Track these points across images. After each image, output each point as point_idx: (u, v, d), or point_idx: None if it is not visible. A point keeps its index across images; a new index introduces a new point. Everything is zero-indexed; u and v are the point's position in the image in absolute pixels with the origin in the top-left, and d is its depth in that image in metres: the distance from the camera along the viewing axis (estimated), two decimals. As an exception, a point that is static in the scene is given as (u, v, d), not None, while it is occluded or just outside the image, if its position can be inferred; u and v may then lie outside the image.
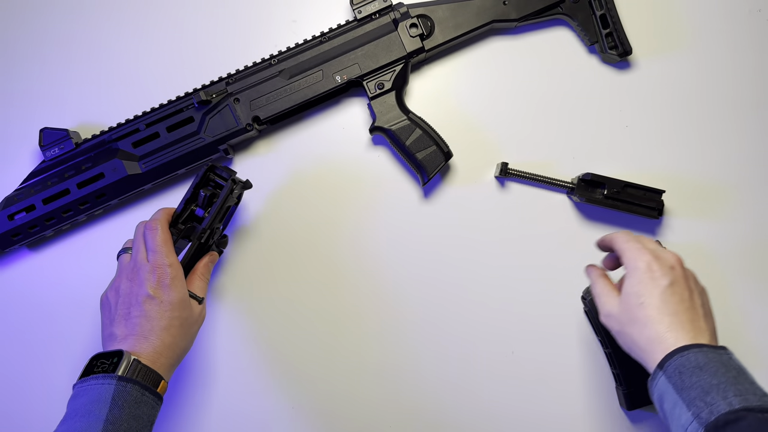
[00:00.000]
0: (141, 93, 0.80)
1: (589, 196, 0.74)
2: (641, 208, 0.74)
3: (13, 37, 0.82)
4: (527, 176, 0.76)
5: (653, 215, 0.74)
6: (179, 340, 0.63)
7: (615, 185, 0.74)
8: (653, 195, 0.75)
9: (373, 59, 0.76)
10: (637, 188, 0.75)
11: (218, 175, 0.70)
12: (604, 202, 0.74)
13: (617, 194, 0.74)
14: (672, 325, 0.55)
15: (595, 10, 0.77)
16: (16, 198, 0.76)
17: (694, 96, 0.79)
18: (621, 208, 0.74)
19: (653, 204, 0.74)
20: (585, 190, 0.74)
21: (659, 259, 0.59)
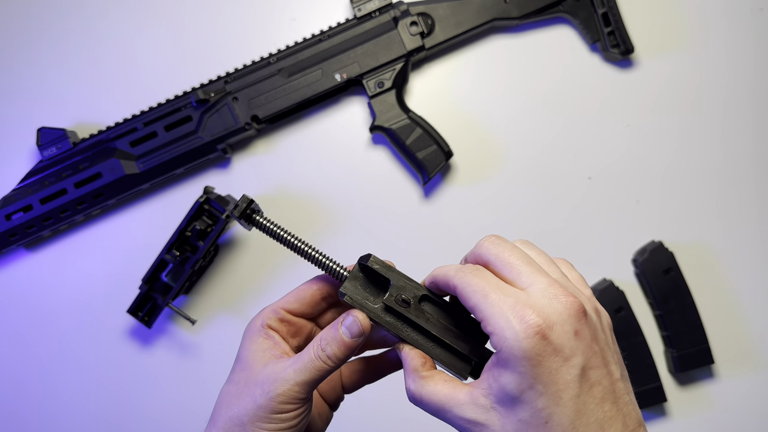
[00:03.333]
0: (139, 92, 0.80)
1: (361, 301, 0.40)
2: (442, 351, 0.39)
3: (11, 36, 0.81)
4: (277, 236, 0.42)
5: (462, 373, 0.39)
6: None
7: (405, 291, 0.40)
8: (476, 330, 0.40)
9: (373, 58, 0.76)
10: (442, 309, 0.40)
11: (213, 207, 0.72)
12: (380, 317, 0.40)
13: (405, 308, 0.39)
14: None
15: (596, 8, 0.76)
16: (14, 198, 0.75)
17: (695, 94, 0.79)
18: (404, 336, 0.40)
19: (467, 351, 0.39)
20: (356, 286, 0.41)
21: (553, 324, 0.33)
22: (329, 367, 0.38)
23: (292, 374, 0.38)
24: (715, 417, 0.75)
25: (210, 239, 0.72)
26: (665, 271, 0.74)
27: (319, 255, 0.41)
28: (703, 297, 0.75)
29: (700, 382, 0.76)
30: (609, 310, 0.73)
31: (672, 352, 0.74)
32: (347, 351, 0.38)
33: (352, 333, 0.38)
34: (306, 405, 0.39)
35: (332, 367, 0.38)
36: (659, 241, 0.75)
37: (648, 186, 0.78)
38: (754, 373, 0.76)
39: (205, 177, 0.79)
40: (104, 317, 0.78)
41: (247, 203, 0.41)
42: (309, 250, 0.41)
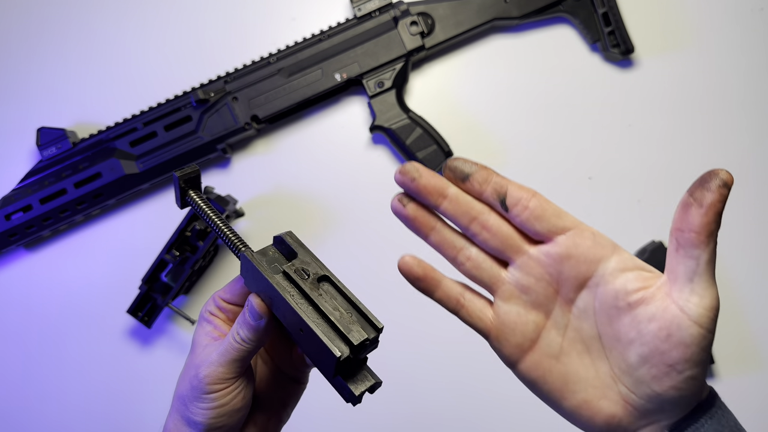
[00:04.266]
0: (138, 92, 0.80)
1: (259, 260, 0.40)
2: (325, 327, 0.38)
3: (10, 36, 0.81)
4: (203, 213, 0.45)
5: (335, 352, 0.36)
6: None
7: (308, 266, 0.40)
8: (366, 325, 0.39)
9: (373, 57, 0.76)
10: (341, 294, 0.40)
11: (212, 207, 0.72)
12: (272, 277, 0.39)
13: (302, 278, 0.39)
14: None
15: (597, 8, 0.76)
16: (13, 198, 0.75)
17: (696, 94, 0.79)
18: (290, 300, 0.38)
19: (348, 334, 0.37)
20: (263, 259, 0.40)
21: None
22: (247, 348, 0.40)
23: (216, 357, 0.40)
24: (715, 417, 0.75)
25: (210, 239, 0.73)
26: (666, 271, 0.74)
27: (229, 231, 0.42)
28: (704, 297, 0.75)
29: (700, 382, 0.76)
30: None
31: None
32: (255, 333, 0.39)
33: (253, 316, 0.39)
34: (235, 384, 0.40)
35: (249, 348, 0.40)
36: (659, 241, 0.75)
37: (649, 186, 0.78)
38: (754, 373, 0.76)
39: (205, 177, 0.79)
40: (104, 317, 0.78)
41: (192, 174, 0.43)
42: (224, 229, 0.43)
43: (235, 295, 0.43)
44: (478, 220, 0.39)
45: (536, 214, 0.38)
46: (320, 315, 0.38)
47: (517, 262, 0.38)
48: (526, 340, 0.38)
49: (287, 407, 0.46)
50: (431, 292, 0.40)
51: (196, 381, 0.40)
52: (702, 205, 0.34)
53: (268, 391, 0.45)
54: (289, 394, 0.46)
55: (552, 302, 0.38)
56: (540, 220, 0.38)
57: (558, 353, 0.38)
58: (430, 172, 0.39)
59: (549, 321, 0.38)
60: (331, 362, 0.37)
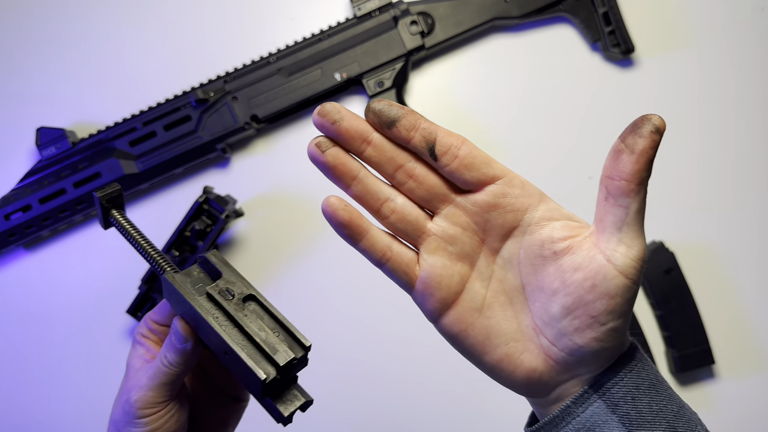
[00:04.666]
0: (138, 91, 0.80)
1: (181, 284, 0.39)
2: (251, 349, 0.37)
3: (9, 36, 0.81)
4: (127, 233, 0.43)
5: (260, 374, 0.35)
6: None
7: (233, 286, 0.39)
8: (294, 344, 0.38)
9: (373, 57, 0.75)
10: (267, 313, 0.39)
11: (212, 207, 0.72)
12: (195, 300, 0.38)
13: (226, 299, 0.38)
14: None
15: (597, 7, 0.76)
16: (13, 198, 0.75)
17: (696, 94, 0.79)
18: (213, 323, 0.37)
19: (275, 355, 0.36)
20: (186, 281, 0.39)
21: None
22: (175, 372, 0.39)
23: (146, 381, 0.40)
24: (715, 417, 0.75)
25: (209, 239, 0.72)
26: (666, 272, 0.74)
27: (153, 252, 0.41)
28: (704, 297, 0.75)
29: (700, 382, 0.75)
30: None
31: (673, 353, 0.74)
32: (182, 356, 0.39)
33: (178, 339, 0.39)
34: (167, 407, 0.40)
35: (177, 371, 0.39)
36: (660, 242, 0.75)
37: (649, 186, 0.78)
38: (755, 374, 0.76)
39: (205, 177, 0.79)
40: (103, 317, 0.78)
41: (113, 193, 0.42)
42: (155, 256, 0.41)
43: (165, 317, 0.42)
44: (404, 168, 0.36)
45: (466, 162, 0.35)
46: (245, 336, 0.37)
47: (443, 212, 0.36)
48: (451, 294, 0.36)
49: (228, 426, 0.45)
50: (356, 241, 0.36)
51: (128, 406, 0.40)
52: (633, 152, 0.33)
53: (207, 410, 0.44)
54: (229, 412, 0.45)
55: (477, 253, 0.36)
56: (470, 169, 0.35)
57: (481, 306, 0.36)
58: (353, 115, 0.35)
59: (474, 272, 0.36)
60: (257, 385, 0.36)
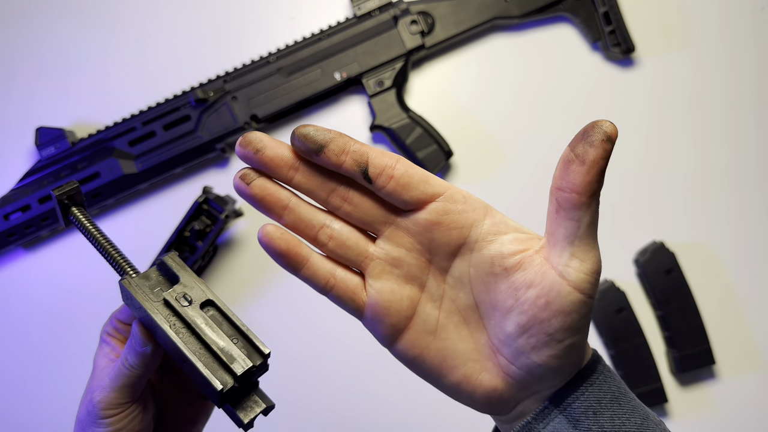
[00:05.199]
0: (137, 91, 0.80)
1: (136, 290, 0.38)
2: (208, 358, 0.36)
3: (9, 36, 0.81)
4: (87, 232, 0.41)
5: (217, 385, 0.35)
6: None
7: (191, 291, 0.38)
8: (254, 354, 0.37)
9: (372, 57, 0.75)
10: (226, 320, 0.38)
11: (212, 207, 0.72)
12: (152, 307, 0.37)
13: (183, 305, 0.37)
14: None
15: (597, 7, 0.76)
16: (12, 197, 0.75)
17: (697, 94, 0.79)
18: (168, 331, 0.37)
19: (232, 364, 0.36)
20: (145, 284, 0.38)
21: None
22: (136, 374, 0.39)
23: (108, 382, 0.39)
24: (716, 418, 0.75)
25: (209, 239, 0.72)
26: (667, 272, 0.73)
27: (114, 251, 0.40)
28: (705, 297, 0.75)
29: (701, 382, 0.75)
30: (610, 311, 0.73)
31: (673, 353, 0.73)
32: (142, 359, 0.38)
33: (137, 343, 0.38)
34: (130, 408, 0.40)
35: (138, 374, 0.39)
36: (661, 242, 0.74)
37: (649, 186, 0.78)
38: (756, 374, 0.75)
39: (204, 176, 0.79)
40: (102, 317, 0.77)
41: (72, 191, 0.40)
42: (113, 253, 0.40)
43: (129, 317, 0.42)
44: (337, 192, 0.34)
45: (402, 182, 0.33)
46: (202, 344, 0.36)
47: (385, 234, 0.34)
48: (402, 318, 0.34)
49: (197, 423, 0.45)
50: (297, 270, 0.35)
51: (91, 406, 0.40)
52: (584, 162, 0.31)
53: (176, 409, 0.44)
54: (197, 410, 0.44)
55: (425, 273, 0.35)
56: (407, 189, 0.33)
57: (435, 328, 0.34)
58: (277, 143, 0.34)
59: (424, 294, 0.35)
60: (215, 395, 0.36)
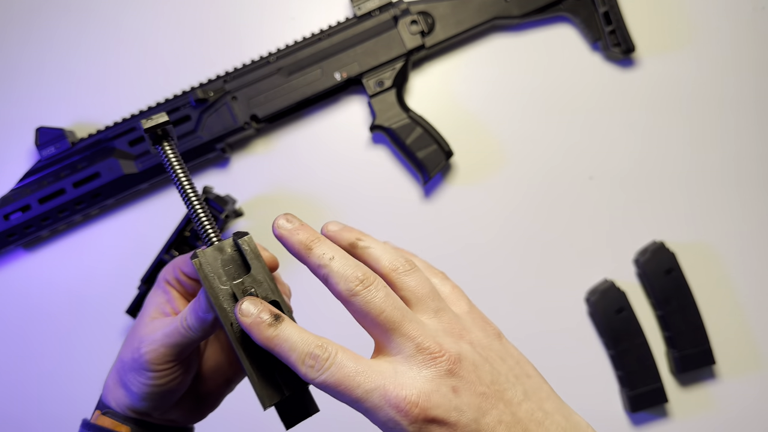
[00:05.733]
0: (137, 91, 0.79)
1: (208, 273, 0.37)
2: (257, 368, 0.36)
3: (9, 36, 0.81)
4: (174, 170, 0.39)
5: (264, 401, 0.36)
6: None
7: (259, 286, 0.37)
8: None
9: (373, 57, 0.75)
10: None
11: (212, 207, 0.72)
12: (217, 298, 0.37)
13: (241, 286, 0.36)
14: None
15: (597, 7, 0.76)
16: (12, 197, 0.75)
17: (697, 93, 0.79)
18: (229, 331, 0.36)
19: (283, 381, 0.36)
20: (218, 258, 0.37)
21: (429, 395, 0.31)
22: (192, 336, 0.38)
23: (160, 337, 0.39)
24: (716, 418, 0.75)
25: None
26: (667, 272, 0.73)
27: (200, 210, 0.38)
28: (705, 297, 0.75)
29: (701, 382, 0.75)
30: (610, 311, 0.73)
31: (673, 353, 0.73)
32: (202, 325, 0.38)
33: (201, 308, 0.38)
34: (174, 367, 0.40)
35: (194, 337, 0.38)
36: (661, 242, 0.74)
37: (649, 186, 0.78)
38: (756, 374, 0.75)
39: (204, 176, 0.79)
40: (103, 318, 0.78)
41: (162, 122, 0.38)
42: (195, 202, 0.38)
43: (195, 272, 0.40)
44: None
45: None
46: (257, 348, 0.35)
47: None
48: None
49: (231, 383, 0.45)
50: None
51: (137, 354, 0.40)
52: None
53: (215, 368, 0.44)
54: (236, 372, 0.45)
55: None
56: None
57: None
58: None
59: None
60: (261, 401, 0.35)
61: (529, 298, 0.77)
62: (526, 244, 0.77)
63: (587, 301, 0.75)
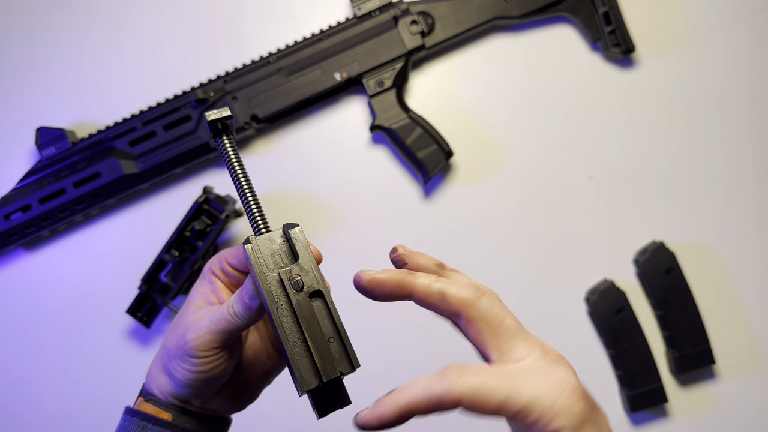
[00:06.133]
0: (138, 91, 0.80)
1: (257, 258, 0.38)
2: (300, 352, 0.37)
3: (10, 36, 0.81)
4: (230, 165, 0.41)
5: (302, 385, 0.37)
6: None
7: (306, 275, 0.38)
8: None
9: (373, 57, 0.75)
10: (329, 316, 0.38)
11: (212, 207, 0.72)
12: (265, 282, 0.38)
13: (294, 290, 0.38)
14: None
15: (597, 7, 0.76)
16: (12, 198, 0.75)
17: (697, 94, 0.79)
18: (275, 314, 0.37)
19: (321, 367, 0.37)
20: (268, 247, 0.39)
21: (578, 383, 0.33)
22: (237, 323, 0.39)
23: (206, 324, 0.40)
24: (716, 417, 0.75)
25: (209, 239, 0.72)
26: (666, 272, 0.74)
27: (252, 202, 0.40)
28: (705, 297, 0.75)
29: (701, 382, 0.75)
30: (610, 311, 0.73)
31: (673, 353, 0.73)
32: (248, 312, 0.39)
33: (248, 294, 0.39)
34: (219, 354, 0.40)
35: (240, 324, 0.39)
36: (660, 242, 0.74)
37: (649, 186, 0.78)
38: (756, 374, 0.76)
39: (204, 176, 0.79)
40: (103, 317, 0.78)
41: (225, 116, 0.39)
42: (248, 193, 0.40)
43: (242, 263, 0.42)
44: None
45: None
46: (300, 335, 0.37)
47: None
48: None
49: (270, 376, 0.46)
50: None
51: (183, 341, 0.40)
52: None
53: (255, 359, 0.45)
54: (275, 365, 0.46)
55: None
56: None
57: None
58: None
59: None
60: (298, 388, 0.37)
61: (529, 297, 0.77)
62: (526, 243, 0.77)
63: (587, 301, 0.75)
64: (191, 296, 0.43)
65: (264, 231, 0.39)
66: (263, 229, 0.40)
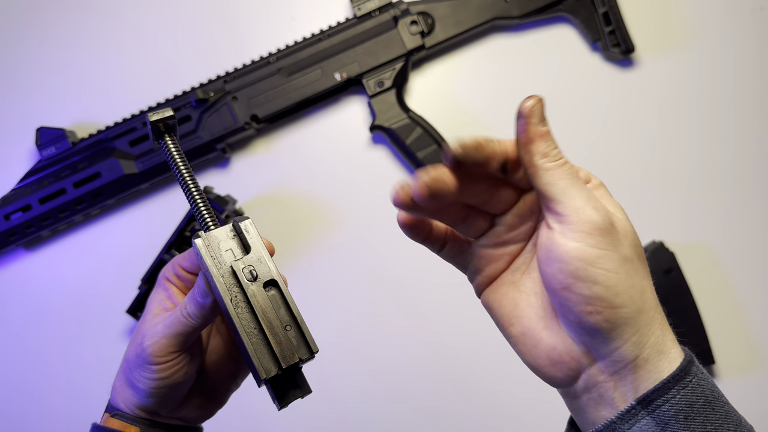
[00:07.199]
0: (138, 91, 0.80)
1: (207, 252, 0.38)
2: (257, 341, 0.37)
3: (11, 36, 0.81)
4: (174, 163, 0.41)
5: (261, 373, 0.37)
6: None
7: (258, 266, 0.38)
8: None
9: (373, 57, 0.75)
10: (285, 304, 0.38)
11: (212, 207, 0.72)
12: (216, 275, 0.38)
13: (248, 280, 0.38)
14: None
15: (597, 7, 0.76)
16: (13, 198, 0.75)
17: (696, 94, 0.79)
18: (228, 305, 0.37)
19: (279, 354, 0.37)
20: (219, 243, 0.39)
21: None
22: (192, 323, 0.39)
23: (161, 329, 0.40)
24: (716, 417, 0.75)
25: None
26: (666, 272, 0.74)
27: (199, 198, 0.40)
28: (704, 297, 0.75)
29: (701, 382, 0.75)
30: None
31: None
32: (201, 311, 0.39)
33: (200, 293, 0.39)
34: (178, 358, 0.40)
35: (195, 324, 0.39)
36: (660, 242, 0.75)
37: (649, 186, 0.78)
38: (755, 374, 0.76)
39: (205, 176, 0.79)
40: (103, 317, 0.78)
41: (166, 117, 0.40)
42: (193, 190, 0.40)
43: (194, 265, 0.42)
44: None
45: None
46: (257, 324, 0.37)
47: (513, 210, 0.37)
48: (497, 271, 0.38)
49: (237, 379, 0.46)
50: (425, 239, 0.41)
51: (141, 349, 0.40)
52: (520, 144, 0.35)
53: (219, 362, 0.45)
54: (239, 367, 0.46)
55: (530, 235, 0.37)
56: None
57: (518, 280, 0.37)
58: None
59: (524, 250, 0.37)
60: (257, 378, 0.36)
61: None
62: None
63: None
64: (148, 305, 0.43)
65: (213, 227, 0.39)
66: (212, 225, 0.39)
